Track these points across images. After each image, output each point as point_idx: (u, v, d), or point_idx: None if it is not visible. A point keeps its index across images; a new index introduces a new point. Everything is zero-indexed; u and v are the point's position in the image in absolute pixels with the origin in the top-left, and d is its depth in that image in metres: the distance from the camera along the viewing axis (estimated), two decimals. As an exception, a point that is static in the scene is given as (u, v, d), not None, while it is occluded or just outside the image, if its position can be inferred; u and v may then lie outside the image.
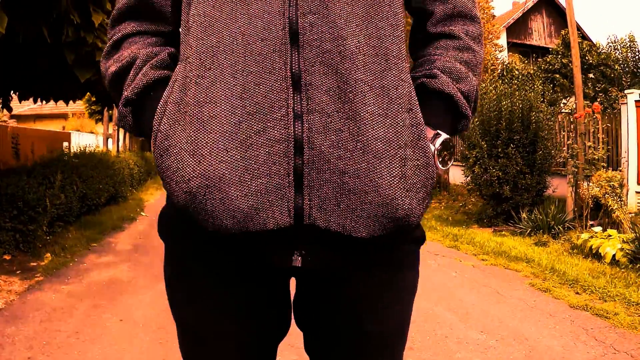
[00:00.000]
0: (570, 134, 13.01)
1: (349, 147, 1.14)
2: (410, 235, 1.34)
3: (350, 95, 1.14)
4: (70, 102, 11.59)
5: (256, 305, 1.34)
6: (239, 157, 1.12)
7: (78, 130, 35.03)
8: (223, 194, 1.12)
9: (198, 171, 1.13)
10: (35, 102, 11.08)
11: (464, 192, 14.08)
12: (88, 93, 11.82)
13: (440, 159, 1.27)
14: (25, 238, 7.73)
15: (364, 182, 1.14)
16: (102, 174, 12.46)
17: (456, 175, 17.10)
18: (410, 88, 1.25)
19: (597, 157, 10.17)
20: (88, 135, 31.09)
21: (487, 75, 20.95)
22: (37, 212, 7.83)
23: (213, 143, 1.13)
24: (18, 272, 6.88)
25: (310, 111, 1.14)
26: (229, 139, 1.13)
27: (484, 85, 14.01)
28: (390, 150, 1.16)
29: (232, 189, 1.12)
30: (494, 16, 22.34)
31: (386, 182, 1.15)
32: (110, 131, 24.20)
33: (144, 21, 1.42)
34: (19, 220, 7.58)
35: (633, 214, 10.74)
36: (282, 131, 1.13)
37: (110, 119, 22.86)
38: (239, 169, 1.12)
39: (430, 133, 1.28)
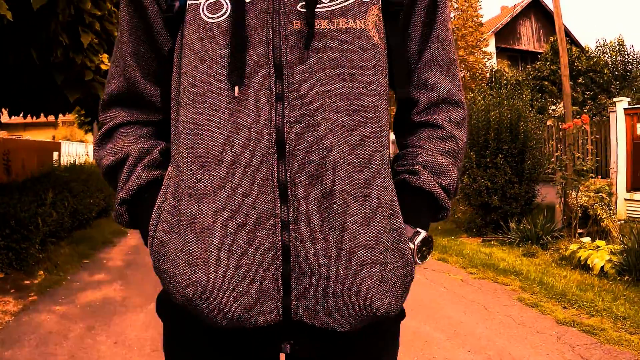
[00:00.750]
0: (559, 145, 13.10)
1: (332, 255, 1.22)
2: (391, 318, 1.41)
3: (335, 206, 1.22)
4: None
5: None
6: (231, 266, 1.21)
7: (68, 139, 35.03)
8: (217, 300, 1.20)
9: (194, 279, 1.21)
10: (25, 117, 11.11)
11: (453, 201, 14.12)
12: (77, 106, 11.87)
13: (420, 255, 1.33)
14: (18, 256, 7.78)
15: (347, 287, 1.22)
16: (92, 188, 12.51)
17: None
18: (392, 194, 1.31)
19: (585, 169, 10.26)
20: (78, 145, 31.04)
21: (475, 83, 21.00)
22: (30, 230, 7.87)
23: (206, 254, 1.21)
24: (12, 290, 6.93)
25: (297, 221, 1.22)
26: (221, 249, 1.21)
27: (472, 95, 14.10)
28: (371, 257, 1.24)
29: (225, 295, 1.20)
30: (482, 24, 22.39)
31: (367, 286, 1.23)
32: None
33: (134, 110, 1.49)
34: (11, 238, 7.62)
35: (622, 222, 10.85)
36: (271, 240, 1.22)
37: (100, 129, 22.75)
38: (231, 277, 1.21)
39: (409, 232, 1.33)
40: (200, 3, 1.29)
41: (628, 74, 23.16)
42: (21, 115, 11.02)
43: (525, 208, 11.99)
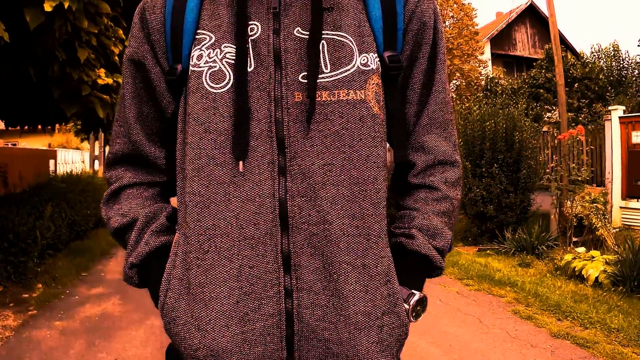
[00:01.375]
0: (554, 155, 13.16)
1: (333, 320, 1.29)
2: None
3: (335, 275, 1.28)
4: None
5: None
6: (238, 331, 1.28)
7: (64, 147, 35.03)
8: None
9: (203, 343, 1.28)
10: (22, 129, 11.15)
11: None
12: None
13: (414, 314, 1.39)
14: (16, 269, 7.83)
15: (346, 349, 1.29)
16: (90, 199, 12.48)
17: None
18: (389, 261, 1.37)
19: (580, 179, 10.32)
20: (74, 152, 31.05)
21: (470, 91, 21.03)
22: (28, 243, 7.91)
23: (215, 321, 1.29)
24: (11, 304, 6.98)
25: (299, 289, 1.29)
26: (229, 316, 1.28)
27: (467, 105, 14.17)
28: (369, 322, 1.31)
29: (233, 357, 1.28)
30: (477, 32, 22.41)
31: (364, 348, 1.30)
32: (97, 152, 24.06)
33: (140, 170, 1.54)
34: (9, 252, 7.66)
35: (617, 229, 10.92)
36: (275, 307, 1.29)
37: (96, 138, 22.73)
38: (238, 341, 1.28)
39: (405, 293, 1.39)
40: (203, 70, 1.33)
41: (623, 79, 23.22)
42: (18, 126, 11.08)
43: (521, 217, 12.04)
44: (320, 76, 1.30)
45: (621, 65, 23.98)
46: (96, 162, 23.81)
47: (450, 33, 20.70)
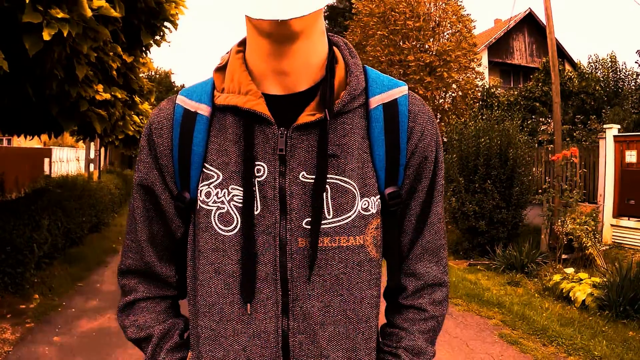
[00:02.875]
0: (547, 178, 13.27)
1: None
2: None
3: None
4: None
5: None
6: None
7: (59, 144, 34.98)
8: None
9: None
10: (18, 136, 11.23)
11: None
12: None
13: None
14: (13, 280, 7.94)
15: None
16: (85, 204, 12.52)
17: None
18: None
19: (572, 200, 10.46)
20: (69, 150, 31.03)
21: (466, 102, 21.06)
22: (25, 254, 8.03)
23: None
24: (8, 315, 7.09)
25: None
26: None
27: (463, 119, 14.28)
28: None
29: None
30: (475, 44, 22.33)
31: None
32: (92, 155, 24.00)
33: (151, 285, 1.66)
34: (7, 263, 7.78)
35: (608, 247, 11.06)
36: None
37: (92, 140, 22.70)
38: None
39: None
40: (212, 210, 1.44)
41: (620, 90, 23.26)
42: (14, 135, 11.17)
43: (512, 233, 12.21)
44: (322, 222, 1.41)
45: (618, 77, 24.04)
46: (91, 165, 23.76)
47: (449, 45, 20.63)
